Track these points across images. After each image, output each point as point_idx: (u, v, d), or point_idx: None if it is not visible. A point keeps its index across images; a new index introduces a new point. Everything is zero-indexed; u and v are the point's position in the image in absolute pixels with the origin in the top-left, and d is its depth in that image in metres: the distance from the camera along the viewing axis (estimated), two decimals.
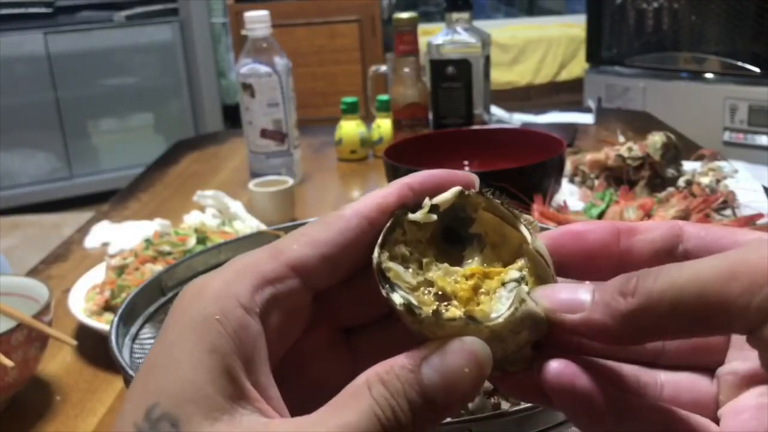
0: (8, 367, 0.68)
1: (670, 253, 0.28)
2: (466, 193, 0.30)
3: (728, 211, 1.03)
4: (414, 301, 0.27)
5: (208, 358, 0.25)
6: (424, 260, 0.29)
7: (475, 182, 0.31)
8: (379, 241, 0.28)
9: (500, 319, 0.26)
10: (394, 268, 0.28)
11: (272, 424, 0.25)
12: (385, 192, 0.30)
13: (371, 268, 0.28)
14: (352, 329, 0.32)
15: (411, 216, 0.29)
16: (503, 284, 0.28)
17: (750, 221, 0.93)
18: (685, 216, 0.93)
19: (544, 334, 0.27)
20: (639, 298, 0.25)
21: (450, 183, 0.30)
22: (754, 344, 0.24)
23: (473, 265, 0.30)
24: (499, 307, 0.27)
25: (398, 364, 0.26)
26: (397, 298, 0.27)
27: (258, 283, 0.27)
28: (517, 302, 0.27)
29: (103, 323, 0.84)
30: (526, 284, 0.28)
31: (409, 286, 0.28)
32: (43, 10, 3.36)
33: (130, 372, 0.45)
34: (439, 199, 0.29)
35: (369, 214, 0.29)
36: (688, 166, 1.19)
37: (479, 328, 0.26)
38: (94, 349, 0.85)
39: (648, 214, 0.94)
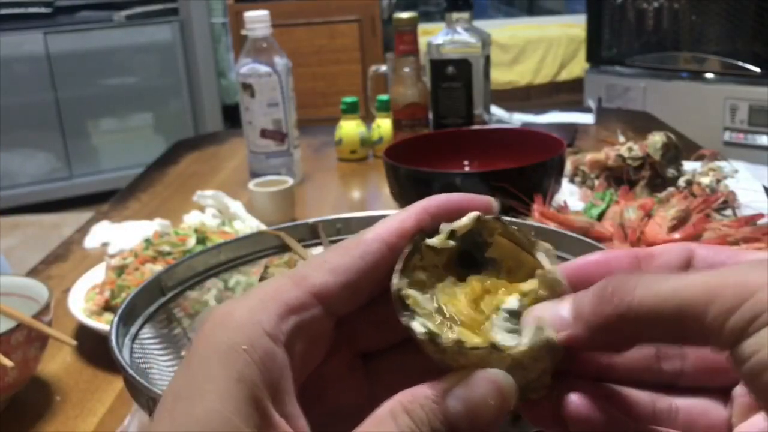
0: (8, 367, 0.68)
1: None
2: (483, 218, 0.30)
3: (728, 211, 1.03)
4: (434, 330, 0.27)
5: (235, 387, 0.25)
6: (439, 285, 0.29)
7: (494, 205, 0.31)
8: (398, 267, 0.28)
9: (522, 347, 0.27)
10: (413, 295, 0.28)
11: None
12: (403, 216, 0.30)
13: (390, 293, 0.28)
14: (370, 354, 0.32)
15: (429, 241, 0.29)
16: (497, 310, 0.28)
17: (750, 221, 0.93)
18: (685, 216, 0.92)
19: (560, 360, 0.28)
20: (616, 306, 0.25)
21: (467, 207, 0.30)
22: (730, 361, 0.24)
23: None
24: (499, 336, 0.28)
25: (422, 394, 0.26)
26: (418, 327, 0.27)
27: (283, 312, 0.27)
28: (537, 330, 0.27)
29: (103, 323, 0.84)
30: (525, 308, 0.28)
31: (426, 312, 0.28)
32: (42, 10, 3.36)
33: (130, 372, 0.45)
34: (457, 224, 0.30)
35: (389, 238, 0.29)
36: (688, 166, 1.19)
37: (502, 356, 0.26)
38: (94, 349, 0.85)
39: (648, 214, 0.94)
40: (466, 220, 0.30)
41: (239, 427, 0.25)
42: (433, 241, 0.29)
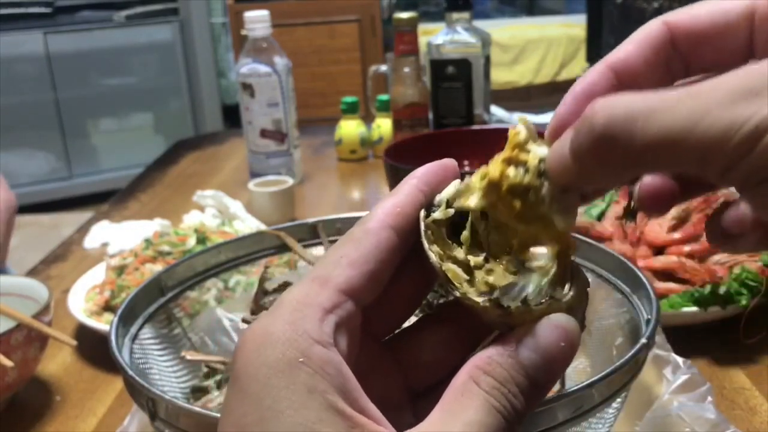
0: (8, 367, 0.68)
1: None
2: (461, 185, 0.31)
3: None
4: (495, 296, 0.28)
5: (309, 399, 0.25)
6: (449, 253, 0.31)
7: (455, 166, 0.32)
8: (433, 248, 0.29)
9: (572, 293, 0.29)
10: (452, 268, 0.29)
11: None
12: (400, 200, 0.30)
13: (404, 270, 0.30)
14: (392, 340, 0.33)
15: (434, 216, 0.30)
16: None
17: None
18: (685, 216, 0.92)
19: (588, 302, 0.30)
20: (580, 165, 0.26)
21: (444, 175, 0.31)
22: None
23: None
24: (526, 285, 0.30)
25: (497, 353, 0.27)
26: (479, 298, 0.28)
27: (321, 316, 0.27)
28: (580, 274, 0.30)
29: (103, 323, 0.84)
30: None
31: (463, 281, 0.29)
32: (42, 10, 3.36)
33: (130, 372, 0.45)
34: (447, 194, 0.31)
35: (394, 223, 0.30)
36: None
37: (559, 305, 0.28)
38: (94, 349, 0.85)
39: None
40: (451, 189, 0.31)
41: None
42: (438, 215, 0.30)
